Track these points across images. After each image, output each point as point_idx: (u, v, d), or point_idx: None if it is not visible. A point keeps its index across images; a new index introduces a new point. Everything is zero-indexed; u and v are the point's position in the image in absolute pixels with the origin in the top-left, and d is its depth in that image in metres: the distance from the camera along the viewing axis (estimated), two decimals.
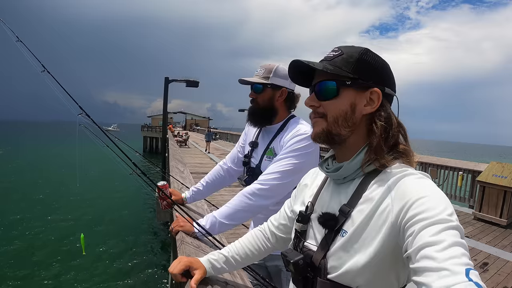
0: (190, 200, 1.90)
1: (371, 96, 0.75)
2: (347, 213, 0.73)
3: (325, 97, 0.78)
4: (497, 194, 5.60)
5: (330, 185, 0.85)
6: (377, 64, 0.77)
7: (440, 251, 0.52)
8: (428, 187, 0.65)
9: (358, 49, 0.77)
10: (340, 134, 0.77)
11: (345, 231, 0.72)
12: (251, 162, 1.74)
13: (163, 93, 12.12)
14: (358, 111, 0.76)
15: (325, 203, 0.82)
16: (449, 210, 0.59)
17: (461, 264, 0.50)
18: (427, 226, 0.57)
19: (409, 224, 0.60)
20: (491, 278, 3.52)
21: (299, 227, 0.84)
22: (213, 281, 1.06)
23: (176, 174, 3.16)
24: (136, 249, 11.04)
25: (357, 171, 0.76)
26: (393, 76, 0.81)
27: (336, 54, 0.78)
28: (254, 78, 1.65)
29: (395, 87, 0.80)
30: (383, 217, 0.67)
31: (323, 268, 0.74)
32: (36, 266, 9.41)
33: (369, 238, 0.68)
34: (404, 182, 0.68)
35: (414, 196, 0.63)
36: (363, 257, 0.68)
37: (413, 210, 0.61)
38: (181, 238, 1.38)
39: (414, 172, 0.70)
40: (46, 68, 1.52)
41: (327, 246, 0.74)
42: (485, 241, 4.77)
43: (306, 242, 0.82)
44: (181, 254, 1.25)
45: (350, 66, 0.75)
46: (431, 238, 0.54)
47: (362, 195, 0.73)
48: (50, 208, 15.02)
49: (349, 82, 0.75)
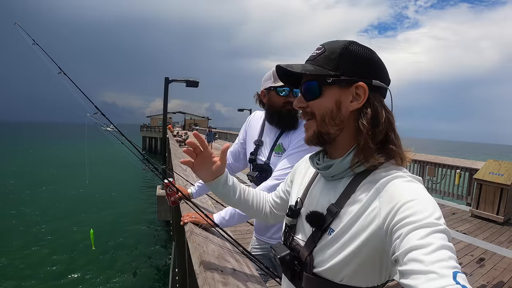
0: (196, 195, 1.98)
1: (356, 91, 0.73)
2: (334, 213, 0.73)
3: (310, 97, 0.78)
4: (494, 191, 5.69)
5: (320, 181, 0.85)
6: (362, 56, 0.74)
7: (427, 254, 0.52)
8: (417, 191, 0.65)
9: (340, 43, 0.75)
10: (329, 133, 0.77)
11: (332, 230, 0.73)
12: (257, 159, 1.80)
13: (163, 93, 12.13)
14: (345, 108, 0.75)
15: (314, 200, 0.83)
16: (437, 214, 0.59)
17: (449, 267, 0.50)
18: (415, 229, 0.57)
19: (397, 227, 0.60)
20: (487, 273, 3.60)
21: (289, 221, 0.86)
22: (221, 268, 1.14)
23: (180, 171, 3.22)
24: (137, 247, 11.09)
25: (347, 170, 0.75)
26: (383, 67, 0.77)
27: (319, 52, 0.77)
28: None
29: (388, 79, 0.77)
30: (370, 219, 0.67)
31: (309, 263, 0.76)
32: (44, 261, 9.52)
33: (355, 238, 0.69)
34: (392, 185, 0.67)
35: (402, 200, 0.63)
36: (347, 256, 0.69)
37: (401, 213, 0.61)
38: (190, 229, 1.46)
39: (404, 175, 0.69)
40: (62, 70, 1.59)
41: (314, 244, 0.76)
42: (482, 237, 4.84)
43: (295, 237, 0.84)
44: (191, 244, 1.32)
45: (331, 63, 0.74)
46: (419, 241, 0.55)
47: (350, 195, 0.73)
48: (59, 205, 15.30)
49: (330, 80, 0.73)
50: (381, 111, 0.74)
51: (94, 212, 14.41)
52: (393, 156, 0.73)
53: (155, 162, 2.00)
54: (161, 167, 2.75)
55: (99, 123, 1.61)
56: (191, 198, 1.97)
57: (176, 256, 4.20)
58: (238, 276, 1.13)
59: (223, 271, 1.12)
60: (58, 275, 8.90)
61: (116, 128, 1.65)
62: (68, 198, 16.66)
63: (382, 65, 0.77)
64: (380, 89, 0.76)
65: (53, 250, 10.43)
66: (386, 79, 0.77)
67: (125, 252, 10.71)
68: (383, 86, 0.75)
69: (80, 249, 10.26)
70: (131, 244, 11.35)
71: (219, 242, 1.45)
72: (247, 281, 1.13)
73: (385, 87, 0.76)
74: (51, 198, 16.70)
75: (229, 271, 1.15)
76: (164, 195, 8.20)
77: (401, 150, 0.74)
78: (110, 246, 10.94)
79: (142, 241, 11.74)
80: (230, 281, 1.06)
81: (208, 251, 1.27)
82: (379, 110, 0.74)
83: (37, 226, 12.52)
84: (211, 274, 1.06)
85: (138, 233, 12.46)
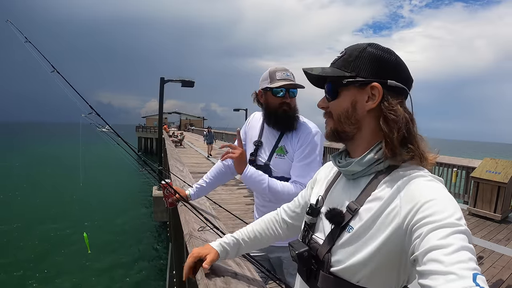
0: (194, 197, 1.94)
1: (372, 91, 0.75)
2: (354, 210, 0.73)
3: (330, 98, 0.81)
4: (491, 189, 5.71)
5: (341, 180, 0.86)
6: (378, 57, 0.76)
7: (447, 254, 0.52)
8: (438, 190, 0.65)
9: (359, 46, 0.78)
10: (345, 131, 0.79)
11: (352, 227, 0.73)
12: (257, 160, 1.78)
13: (159, 93, 12.06)
14: (361, 108, 0.77)
15: (334, 198, 0.84)
16: (458, 215, 0.59)
17: (469, 268, 0.50)
18: (435, 229, 0.56)
19: (417, 227, 0.60)
20: (486, 271, 3.60)
21: (309, 219, 0.86)
22: (223, 273, 1.10)
23: (176, 172, 3.18)
24: (134, 248, 11.03)
25: (367, 168, 0.76)
26: (400, 67, 0.77)
27: (340, 55, 0.80)
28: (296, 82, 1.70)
29: (409, 79, 0.78)
30: (391, 217, 0.67)
31: (326, 262, 0.75)
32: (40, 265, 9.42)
33: (374, 236, 0.68)
34: (414, 183, 0.67)
35: (423, 199, 0.62)
36: (366, 255, 0.69)
37: (421, 212, 0.61)
38: (190, 232, 1.42)
39: (425, 174, 0.70)
40: (55, 68, 1.54)
41: (333, 241, 0.76)
42: (480, 235, 4.86)
43: (314, 235, 0.84)
44: (190, 248, 1.29)
45: (349, 65, 0.77)
46: (439, 241, 0.54)
47: (371, 193, 0.73)
48: (53, 208, 15.05)
49: (345, 82, 0.76)
50: (399, 111, 0.74)
51: (89, 215, 14.27)
52: (414, 155, 0.72)
53: (151, 163, 1.97)
54: (158, 168, 2.70)
55: (93, 123, 1.57)
56: (189, 199, 1.93)
57: (173, 258, 4.16)
58: (240, 280, 1.10)
59: (224, 276, 1.08)
60: (53, 278, 8.80)
61: (112, 129, 1.61)
62: (61, 200, 16.45)
63: (399, 65, 0.77)
64: (398, 89, 0.76)
65: (47, 254, 10.32)
66: (405, 80, 0.77)
67: (122, 253, 10.63)
68: (399, 86, 0.75)
69: (76, 252, 10.14)
70: (127, 246, 11.28)
71: None
72: (249, 285, 1.09)
73: (401, 87, 0.76)
74: (43, 200, 16.51)
75: (230, 275, 1.12)
76: (160, 196, 8.11)
77: (421, 150, 0.73)
78: (106, 248, 10.84)
79: (138, 242, 11.66)
80: (232, 286, 1.03)
81: None
82: (396, 110, 0.74)
83: (32, 229, 12.35)
84: (213, 280, 1.02)
85: (134, 234, 12.38)
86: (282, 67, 1.71)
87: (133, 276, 9.26)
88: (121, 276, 9.21)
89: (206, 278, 1.02)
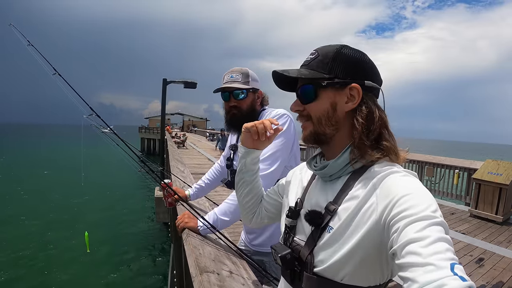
0: (194, 197, 1.96)
1: (350, 92, 0.77)
2: (332, 211, 0.75)
3: (307, 100, 0.81)
4: (492, 191, 5.69)
5: (318, 182, 0.87)
6: (353, 59, 0.78)
7: (425, 246, 0.53)
8: (413, 185, 0.66)
9: (332, 48, 0.79)
10: (325, 133, 0.80)
11: (331, 228, 0.74)
12: (233, 164, 1.79)
13: (161, 95, 12.10)
14: (340, 109, 0.78)
15: (313, 200, 0.84)
16: (433, 207, 0.60)
17: (446, 259, 0.51)
18: (411, 223, 0.58)
19: (394, 221, 0.61)
20: (487, 273, 3.59)
21: (289, 222, 0.86)
22: (218, 271, 1.12)
23: (177, 173, 3.21)
24: (136, 249, 11.05)
25: (343, 169, 0.78)
26: (374, 68, 0.81)
27: (313, 57, 0.81)
28: (235, 84, 1.60)
29: (379, 79, 0.81)
30: (368, 214, 0.68)
31: (309, 263, 0.76)
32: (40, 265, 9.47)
33: (354, 234, 0.69)
34: (389, 180, 0.69)
35: (398, 194, 0.64)
36: (347, 252, 0.70)
37: (397, 207, 0.62)
38: (187, 231, 1.44)
39: (399, 170, 0.72)
40: (57, 71, 1.57)
41: (314, 242, 0.77)
42: (481, 237, 4.84)
43: (295, 237, 0.84)
44: (187, 246, 1.31)
45: (325, 67, 0.77)
46: (416, 234, 0.55)
47: (348, 192, 0.74)
48: (54, 207, 15.17)
49: (324, 83, 0.77)
50: (375, 110, 0.77)
51: (92, 215, 14.32)
52: (388, 152, 0.75)
53: (152, 164, 1.99)
54: (159, 169, 2.73)
55: (94, 124, 1.59)
56: (188, 200, 1.96)
57: (174, 258, 4.19)
58: (234, 279, 1.12)
59: (220, 274, 1.10)
60: (52, 278, 8.83)
61: (112, 131, 1.63)
62: (63, 201, 16.50)
63: (373, 66, 0.81)
64: (373, 89, 0.79)
65: (47, 254, 10.37)
66: (378, 80, 0.81)
67: (124, 254, 10.66)
68: (375, 86, 0.79)
69: (76, 252, 10.17)
70: (129, 246, 11.30)
71: (216, 244, 1.44)
72: (243, 284, 1.11)
73: (377, 87, 0.80)
74: (43, 200, 16.58)
75: (225, 274, 1.14)
76: (162, 197, 8.17)
77: (394, 147, 0.76)
78: (109, 249, 10.89)
79: (140, 243, 11.69)
80: (226, 285, 1.04)
81: (204, 254, 1.26)
82: (373, 109, 0.77)
83: (32, 229, 12.41)
84: (207, 278, 1.05)
85: (136, 235, 12.41)
86: (234, 69, 1.64)
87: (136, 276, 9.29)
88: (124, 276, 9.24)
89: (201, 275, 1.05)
